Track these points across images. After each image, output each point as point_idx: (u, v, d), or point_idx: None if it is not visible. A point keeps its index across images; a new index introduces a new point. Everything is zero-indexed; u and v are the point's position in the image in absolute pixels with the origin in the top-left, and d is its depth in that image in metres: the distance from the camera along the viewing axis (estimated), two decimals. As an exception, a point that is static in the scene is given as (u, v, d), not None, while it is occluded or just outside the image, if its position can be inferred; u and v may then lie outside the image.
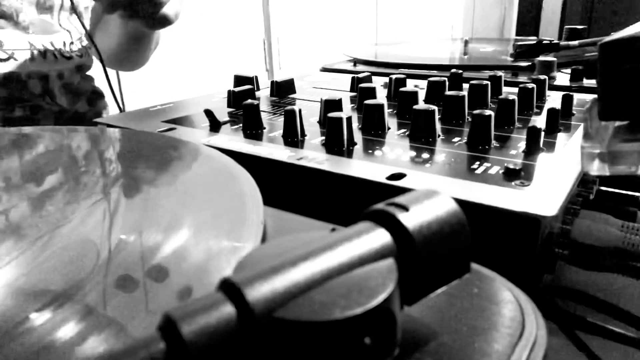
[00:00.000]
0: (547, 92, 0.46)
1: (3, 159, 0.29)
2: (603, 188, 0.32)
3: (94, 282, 0.16)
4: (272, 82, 0.49)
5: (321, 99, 0.38)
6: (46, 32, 0.56)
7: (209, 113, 0.38)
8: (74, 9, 0.57)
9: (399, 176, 0.26)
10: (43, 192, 0.24)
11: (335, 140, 0.31)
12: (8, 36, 0.51)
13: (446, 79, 0.44)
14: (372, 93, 0.42)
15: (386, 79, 0.51)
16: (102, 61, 0.61)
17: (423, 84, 0.46)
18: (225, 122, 0.38)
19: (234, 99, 0.43)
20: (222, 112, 0.41)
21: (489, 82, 0.42)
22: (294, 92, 0.50)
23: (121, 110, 0.66)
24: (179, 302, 0.15)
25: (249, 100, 0.37)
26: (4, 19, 0.51)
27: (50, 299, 0.15)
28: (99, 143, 0.33)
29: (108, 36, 0.67)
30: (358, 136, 0.34)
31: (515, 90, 0.41)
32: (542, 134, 0.31)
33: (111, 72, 0.65)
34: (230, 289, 0.10)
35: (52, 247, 0.19)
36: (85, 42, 0.62)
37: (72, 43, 0.60)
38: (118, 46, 0.66)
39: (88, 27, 0.63)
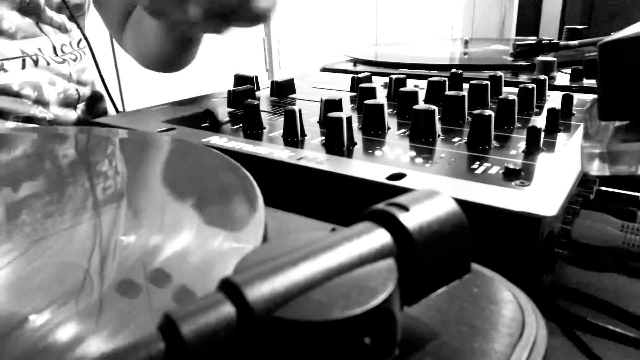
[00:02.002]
0: (547, 92, 0.46)
1: None
2: (603, 188, 0.32)
3: (94, 283, 0.16)
4: (272, 82, 0.49)
5: (321, 99, 0.38)
6: (35, 36, 0.53)
7: (209, 113, 0.38)
8: (65, 4, 0.55)
9: (399, 176, 0.26)
10: (42, 193, 0.24)
11: (335, 140, 0.31)
12: None
13: (446, 79, 0.44)
14: (372, 93, 0.42)
15: (386, 79, 0.51)
16: (95, 62, 0.60)
17: (423, 84, 0.46)
18: (225, 122, 0.38)
19: (234, 99, 0.43)
20: (222, 112, 0.41)
21: (489, 82, 0.42)
22: (294, 92, 0.50)
23: (117, 111, 0.65)
24: (179, 302, 0.15)
25: (249, 100, 0.37)
26: None
27: (51, 300, 0.15)
28: (95, 144, 0.33)
29: (147, 38, 0.64)
30: (358, 136, 0.34)
31: (515, 90, 0.41)
32: (542, 134, 0.31)
33: (111, 72, 0.64)
34: (230, 288, 0.10)
35: (51, 249, 0.19)
36: (77, 39, 0.60)
37: (64, 45, 0.57)
38: (166, 48, 0.63)
39: (108, 25, 0.59)
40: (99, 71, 0.60)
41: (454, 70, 0.48)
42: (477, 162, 0.28)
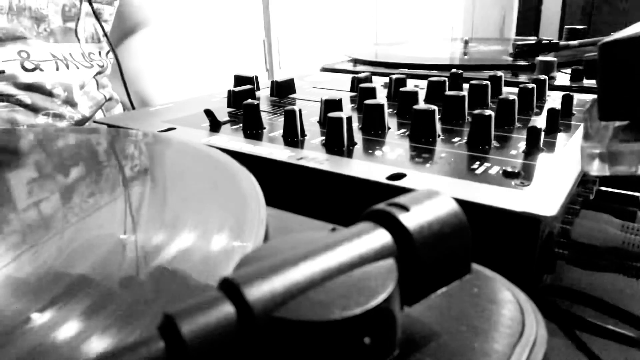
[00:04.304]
0: (547, 92, 0.46)
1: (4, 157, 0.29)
2: (603, 188, 0.32)
3: (94, 281, 0.16)
4: (272, 82, 0.49)
5: (321, 99, 0.38)
6: (68, 41, 0.57)
7: (209, 113, 0.38)
8: (95, 16, 0.58)
9: (399, 176, 0.26)
10: (39, 192, 0.24)
11: (335, 140, 0.31)
12: (32, 47, 0.53)
13: (446, 79, 0.44)
14: (372, 93, 0.42)
15: (386, 79, 0.51)
16: (121, 70, 0.62)
17: (423, 84, 0.46)
18: (225, 122, 0.38)
19: (234, 99, 0.43)
20: (222, 112, 0.41)
21: (489, 82, 0.42)
22: (294, 92, 0.50)
23: None
24: (179, 301, 0.15)
25: (249, 100, 0.37)
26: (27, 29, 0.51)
27: (51, 299, 0.15)
28: (97, 143, 0.33)
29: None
30: (358, 136, 0.34)
31: (515, 90, 0.41)
32: (542, 134, 0.31)
33: (114, 73, 0.66)
34: (229, 288, 0.10)
35: (53, 247, 0.19)
36: (106, 50, 0.63)
37: (92, 53, 0.61)
38: None
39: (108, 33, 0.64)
40: (123, 79, 0.63)
41: (454, 70, 0.48)
42: (477, 162, 0.28)
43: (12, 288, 0.16)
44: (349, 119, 0.32)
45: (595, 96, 0.27)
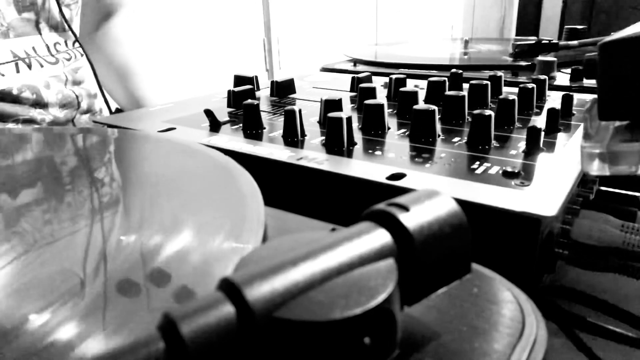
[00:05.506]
0: (547, 92, 0.46)
1: None
2: (603, 188, 0.32)
3: (94, 283, 0.16)
4: (272, 82, 0.49)
5: (321, 99, 0.38)
6: (29, 34, 0.52)
7: (209, 113, 0.38)
8: (58, 5, 0.53)
9: (399, 176, 0.26)
10: (39, 193, 0.24)
11: (335, 140, 0.31)
12: None
13: (446, 79, 0.44)
14: (372, 93, 0.42)
15: (386, 79, 0.51)
16: (90, 61, 0.59)
17: (423, 84, 0.46)
18: (225, 122, 0.38)
19: (234, 99, 0.43)
20: (222, 112, 0.41)
21: (489, 82, 0.42)
22: (294, 92, 0.50)
23: (110, 111, 0.65)
24: (179, 302, 0.15)
25: (249, 100, 0.37)
26: None
27: (51, 300, 0.15)
28: (94, 143, 0.33)
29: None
30: (358, 136, 0.34)
31: (515, 90, 0.41)
32: (542, 134, 0.31)
33: (105, 66, 0.63)
34: (230, 288, 0.10)
35: (51, 249, 0.19)
36: (73, 39, 0.58)
37: (57, 44, 0.56)
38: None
39: (73, 23, 0.59)
40: (93, 70, 0.60)
41: (454, 70, 0.48)
42: (477, 162, 0.28)
43: (12, 289, 0.16)
44: (349, 119, 0.32)
45: (595, 96, 0.27)
